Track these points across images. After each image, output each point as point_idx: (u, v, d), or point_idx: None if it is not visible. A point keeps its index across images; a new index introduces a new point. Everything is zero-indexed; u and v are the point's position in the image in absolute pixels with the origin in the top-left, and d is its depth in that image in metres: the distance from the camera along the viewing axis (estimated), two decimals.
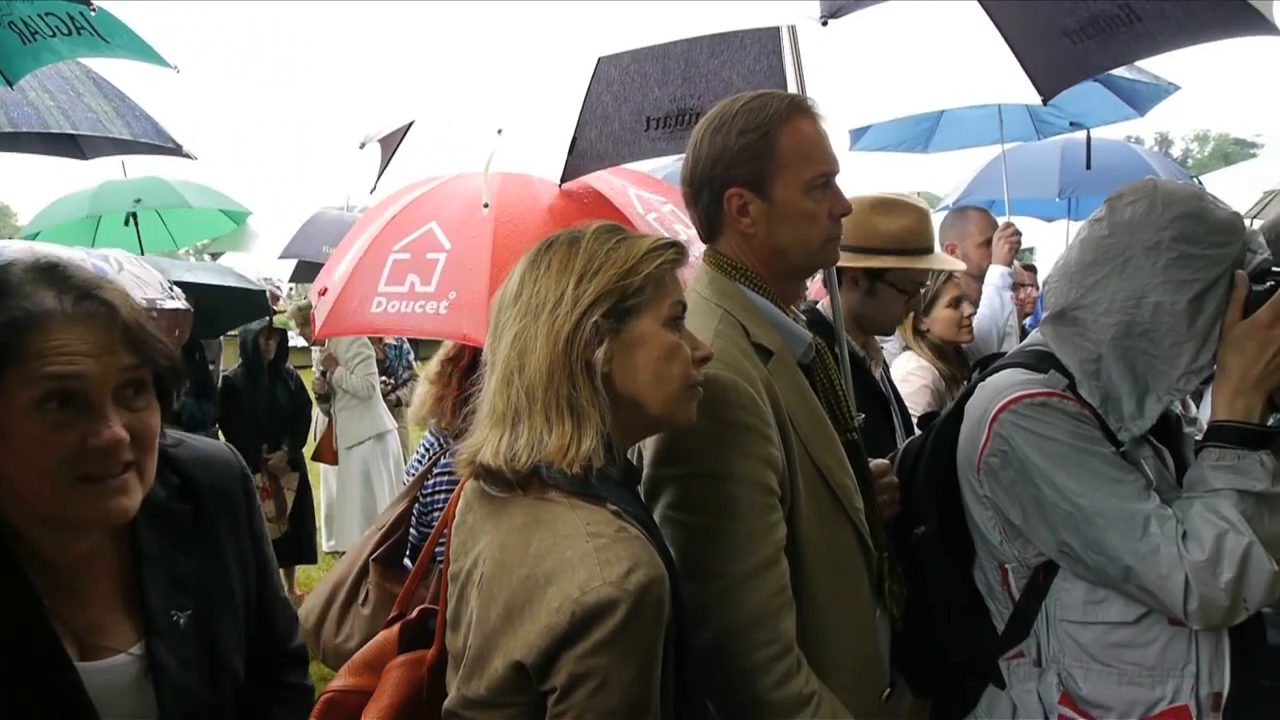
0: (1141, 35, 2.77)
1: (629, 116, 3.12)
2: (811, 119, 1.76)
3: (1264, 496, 1.57)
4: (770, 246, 1.75)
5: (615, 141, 3.18)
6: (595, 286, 1.40)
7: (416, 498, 2.96)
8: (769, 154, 1.70)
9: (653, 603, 1.26)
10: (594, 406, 1.37)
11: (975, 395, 1.82)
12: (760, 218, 1.73)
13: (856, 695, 1.69)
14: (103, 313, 1.23)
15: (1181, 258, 1.61)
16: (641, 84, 3.09)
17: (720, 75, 3.10)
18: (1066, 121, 5.80)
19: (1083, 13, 2.80)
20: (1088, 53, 2.90)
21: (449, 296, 3.12)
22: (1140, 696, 1.68)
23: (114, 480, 1.23)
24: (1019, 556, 1.76)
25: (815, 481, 1.68)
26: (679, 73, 3.09)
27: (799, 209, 1.72)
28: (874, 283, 2.75)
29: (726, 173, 1.72)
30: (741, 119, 1.72)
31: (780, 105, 1.73)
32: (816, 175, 1.72)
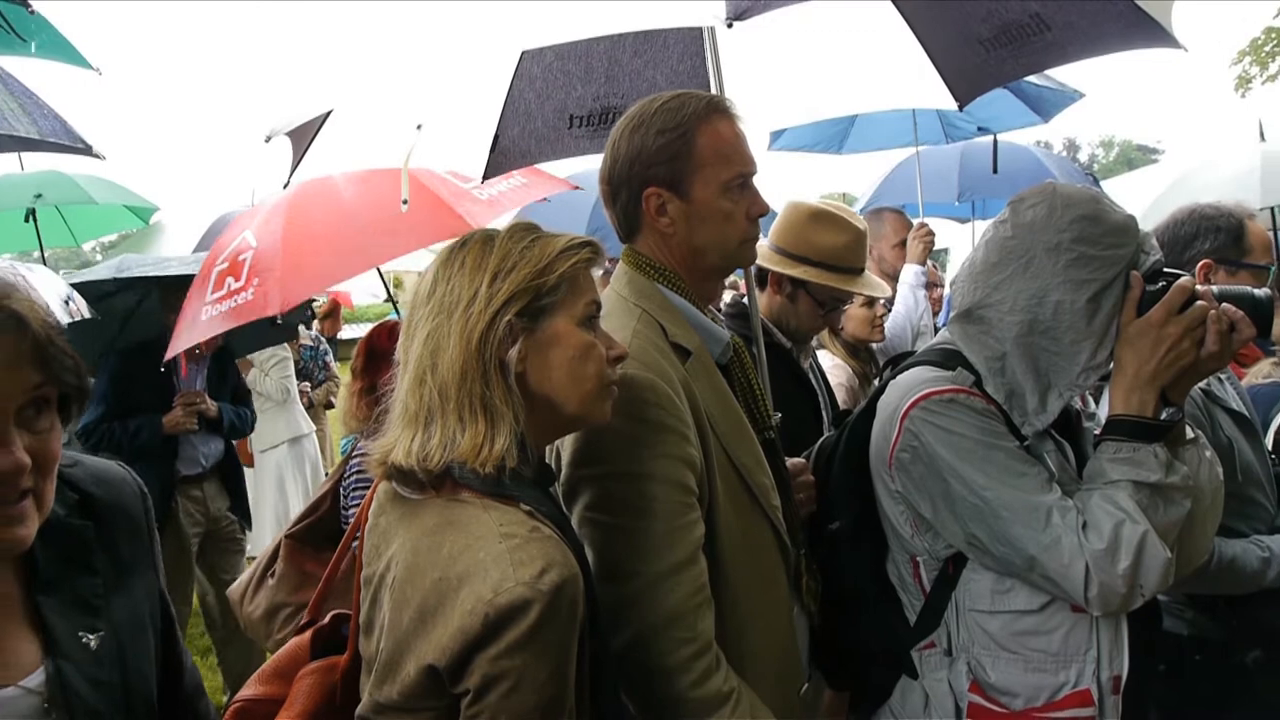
0: (1051, 45, 2.87)
1: (552, 114, 3.12)
2: (730, 120, 1.77)
3: (1158, 487, 1.63)
4: (688, 246, 1.76)
5: (538, 139, 3.18)
6: (509, 285, 1.40)
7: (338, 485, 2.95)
8: (687, 154, 1.72)
9: (567, 603, 1.26)
10: (507, 406, 1.37)
11: (886, 393, 1.86)
12: (678, 217, 1.74)
13: (775, 691, 1.71)
14: (10, 325, 1.11)
15: (1080, 258, 1.67)
16: (565, 82, 3.09)
17: (644, 75, 3.11)
18: (974, 127, 5.98)
19: (996, 21, 2.88)
20: (1000, 61, 2.99)
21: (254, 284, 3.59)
22: (1045, 682, 1.74)
23: (11, 508, 1.11)
24: (929, 549, 1.81)
25: (733, 480, 1.70)
26: (602, 71, 3.10)
27: (717, 209, 1.74)
28: (796, 290, 2.80)
29: (645, 172, 1.73)
30: (660, 118, 1.73)
31: (698, 105, 1.75)
32: (734, 176, 1.74)
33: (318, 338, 7.56)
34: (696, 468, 1.60)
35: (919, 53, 3.19)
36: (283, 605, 2.76)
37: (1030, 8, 2.80)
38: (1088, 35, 2.83)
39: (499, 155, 3.19)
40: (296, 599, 2.75)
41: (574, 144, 3.19)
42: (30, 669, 1.19)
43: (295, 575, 2.80)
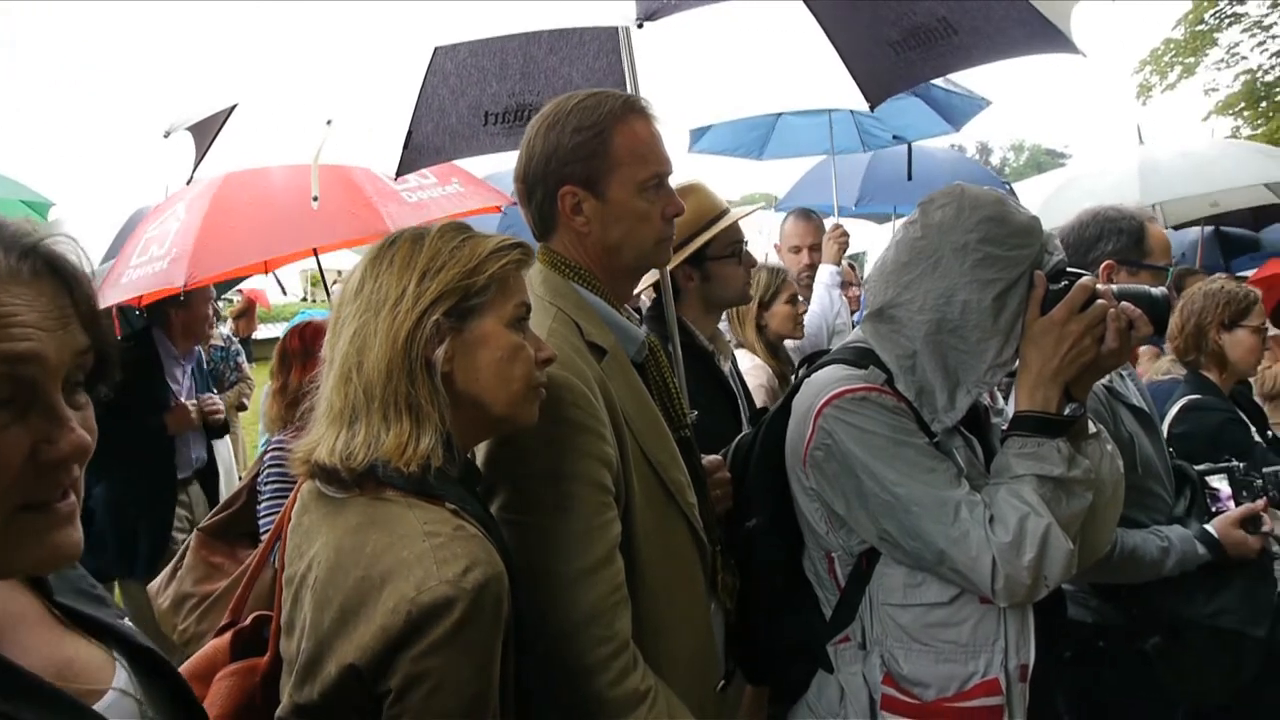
0: (958, 49, 2.94)
1: (466, 111, 3.10)
2: (646, 120, 1.78)
3: (1061, 481, 1.68)
4: (603, 245, 1.76)
5: (452, 136, 3.16)
6: (438, 284, 1.39)
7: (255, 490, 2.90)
8: (603, 153, 1.72)
9: (491, 601, 1.26)
10: (433, 405, 1.36)
11: (801, 391, 1.88)
12: (594, 216, 1.74)
13: (693, 687, 1.73)
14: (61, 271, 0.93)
15: (986, 259, 1.71)
16: (479, 78, 3.07)
17: (560, 72, 3.11)
18: (890, 135, 6.13)
19: (905, 24, 2.94)
20: (910, 63, 3.06)
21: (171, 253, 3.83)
22: (956, 672, 1.78)
23: (62, 505, 0.91)
24: (844, 545, 1.83)
25: (649, 478, 1.70)
26: (518, 68, 3.09)
27: (632, 209, 1.74)
28: (702, 267, 2.80)
29: (561, 170, 1.73)
30: (576, 116, 1.73)
31: (615, 105, 1.75)
32: (650, 176, 1.75)
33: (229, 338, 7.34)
34: (613, 466, 1.60)
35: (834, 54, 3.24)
36: (188, 596, 2.74)
37: (938, 11, 2.86)
38: (993, 40, 2.91)
39: (412, 152, 3.17)
40: (201, 590, 2.74)
41: (489, 141, 3.17)
42: (106, 671, 1.03)
43: (202, 567, 2.78)
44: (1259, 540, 2.53)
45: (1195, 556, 2.44)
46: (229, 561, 2.78)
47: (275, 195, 4.09)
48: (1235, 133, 18.72)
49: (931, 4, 2.86)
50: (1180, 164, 5.95)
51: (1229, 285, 3.30)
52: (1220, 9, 18.41)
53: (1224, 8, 18.36)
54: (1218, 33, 18.70)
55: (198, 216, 3.96)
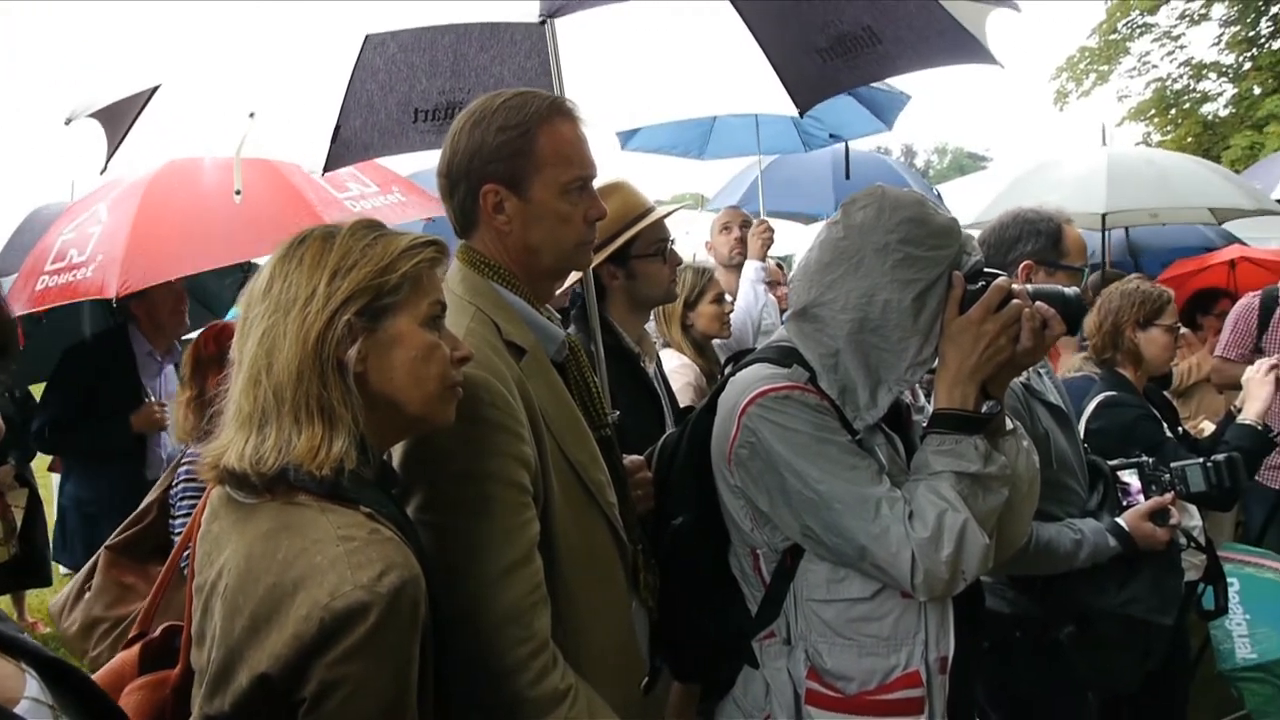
0: (883, 57, 3.00)
1: (395, 107, 3.07)
2: (571, 121, 1.78)
3: (978, 477, 1.72)
4: (524, 245, 1.76)
5: (381, 132, 3.12)
6: (349, 283, 1.36)
7: (166, 503, 2.79)
8: (527, 153, 1.71)
9: (407, 605, 1.24)
10: (346, 407, 1.34)
11: (726, 390, 1.90)
12: (516, 216, 1.73)
13: (615, 685, 1.73)
14: None
15: (906, 259, 1.74)
16: (409, 75, 3.04)
17: (490, 70, 3.09)
18: (826, 134, 6.20)
19: (831, 32, 2.99)
20: (837, 70, 3.11)
21: (96, 259, 3.57)
22: (878, 665, 1.81)
23: None
24: (768, 542, 1.85)
25: (569, 478, 1.70)
26: (448, 65, 3.07)
27: (554, 210, 1.74)
28: (626, 265, 2.79)
29: (484, 168, 1.71)
30: (501, 115, 1.72)
31: (541, 105, 1.74)
32: (574, 178, 1.75)
33: None
34: (531, 466, 1.60)
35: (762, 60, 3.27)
36: (100, 620, 2.60)
37: (863, 20, 2.92)
38: (915, 49, 2.97)
39: (340, 147, 3.12)
40: (114, 613, 2.60)
41: (419, 138, 3.14)
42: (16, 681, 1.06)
43: (114, 588, 2.65)
44: (1167, 532, 2.62)
45: (1107, 548, 2.53)
46: (141, 582, 2.64)
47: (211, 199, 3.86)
48: (1146, 138, 19.44)
49: (857, 13, 2.91)
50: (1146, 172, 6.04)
51: (1144, 286, 3.40)
52: (1132, 19, 19.10)
53: (1135, 18, 19.06)
54: (1130, 42, 19.43)
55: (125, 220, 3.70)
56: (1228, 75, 19.05)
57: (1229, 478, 2.85)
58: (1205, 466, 2.85)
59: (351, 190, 3.98)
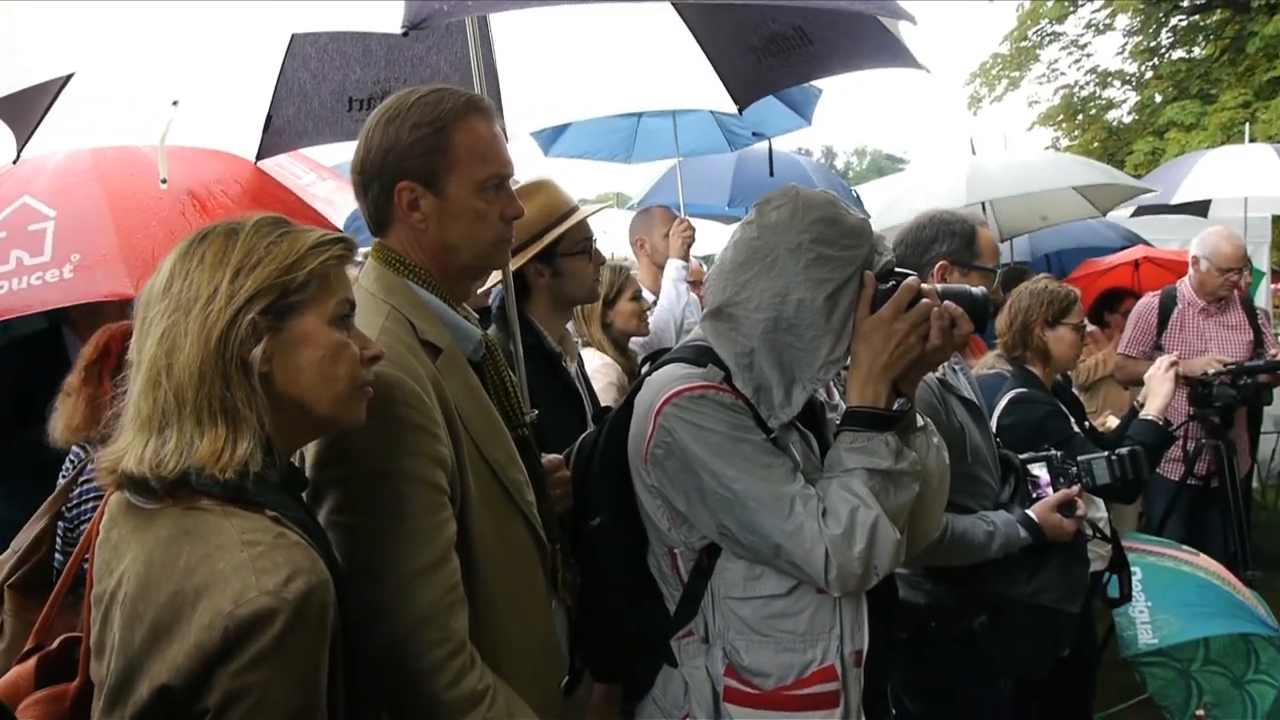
0: (814, 58, 3.06)
1: (329, 96, 3.06)
2: (487, 119, 1.76)
3: (889, 473, 1.75)
4: (440, 243, 1.74)
5: (315, 120, 3.10)
6: (253, 282, 1.32)
7: (60, 514, 2.65)
8: (443, 150, 1.69)
9: (315, 611, 1.22)
10: (250, 409, 1.30)
11: (642, 390, 1.90)
12: (431, 213, 1.71)
13: (535, 685, 1.73)
14: None
15: (819, 259, 1.77)
16: (342, 64, 3.03)
17: (427, 61, 3.09)
18: (750, 133, 6.25)
19: (764, 31, 3.04)
20: (771, 69, 3.16)
21: (72, 259, 3.06)
22: (794, 661, 1.82)
23: None
24: (685, 541, 1.86)
25: (486, 477, 1.69)
26: (382, 55, 3.06)
27: (470, 208, 1.73)
28: (553, 263, 2.78)
29: (398, 165, 1.69)
30: (417, 112, 1.70)
31: (457, 102, 1.73)
32: (490, 176, 1.74)
33: None
34: (447, 466, 1.59)
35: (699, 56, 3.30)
36: None
37: (794, 21, 2.97)
38: (844, 51, 3.04)
39: (273, 136, 3.11)
40: None
41: (354, 127, 3.07)
42: None
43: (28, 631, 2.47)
44: (1074, 523, 2.71)
45: (1018, 539, 2.60)
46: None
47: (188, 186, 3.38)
48: (1055, 143, 20.08)
49: (788, 14, 2.96)
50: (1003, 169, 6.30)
51: (1052, 285, 3.50)
52: (1041, 27, 19.72)
53: (1045, 26, 19.68)
54: (1039, 49, 20.05)
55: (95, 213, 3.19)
56: (1131, 83, 19.79)
57: (1132, 470, 2.96)
58: (1110, 460, 2.96)
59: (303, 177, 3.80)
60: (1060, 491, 2.74)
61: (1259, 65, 15.09)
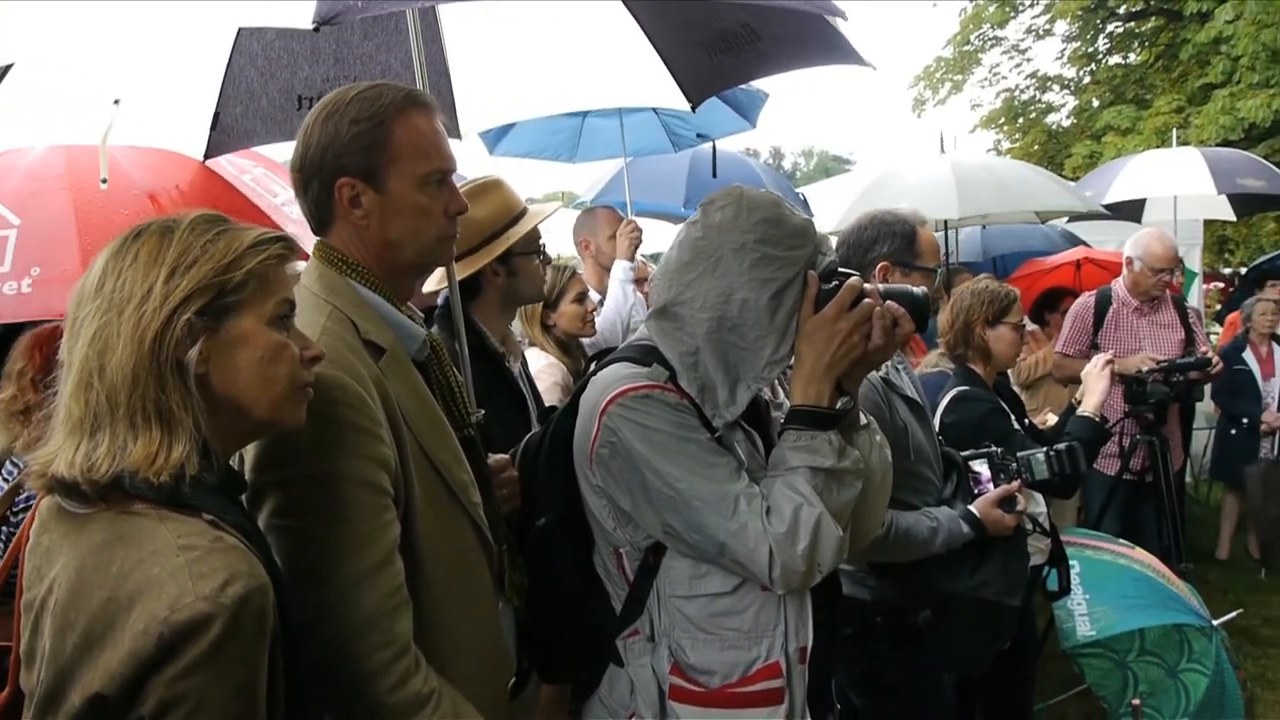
0: (763, 55, 3.07)
1: (278, 94, 3.01)
2: (428, 114, 1.75)
3: (832, 471, 1.76)
4: (383, 240, 1.72)
5: (264, 119, 3.06)
6: (189, 281, 1.29)
7: (5, 519, 2.59)
8: (383, 145, 1.67)
9: (253, 615, 1.19)
10: (186, 411, 1.27)
11: (587, 390, 1.90)
12: (373, 210, 1.69)
13: (483, 686, 1.72)
14: None
15: (763, 258, 1.78)
16: (290, 61, 2.99)
17: (377, 58, 3.06)
18: (694, 134, 6.28)
19: (714, 28, 3.05)
20: (721, 67, 3.17)
21: (31, 273, 2.92)
22: (740, 658, 1.83)
23: None
24: (631, 540, 1.86)
25: (431, 478, 1.68)
26: (330, 53, 3.04)
27: (413, 203, 1.71)
28: (509, 263, 2.77)
29: (337, 161, 1.67)
30: (355, 107, 1.68)
31: (396, 97, 1.70)
32: (432, 171, 1.72)
33: None
34: (390, 467, 1.57)
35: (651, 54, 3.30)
36: None
37: (741, 18, 2.98)
38: (792, 49, 3.06)
39: (221, 134, 3.06)
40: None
41: None
42: None
43: None
44: (1014, 518, 2.77)
45: (960, 534, 2.65)
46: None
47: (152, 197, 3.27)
48: (996, 145, 20.45)
49: (735, 11, 2.97)
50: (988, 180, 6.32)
51: (993, 285, 3.56)
52: (983, 32, 20.08)
53: (986, 31, 20.05)
54: (981, 53, 20.41)
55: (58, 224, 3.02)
56: (1070, 88, 20.24)
57: (1069, 465, 3.03)
58: (1048, 455, 3.02)
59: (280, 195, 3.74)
60: (1001, 487, 2.80)
61: (1191, 72, 15.51)
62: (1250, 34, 12.58)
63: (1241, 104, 12.64)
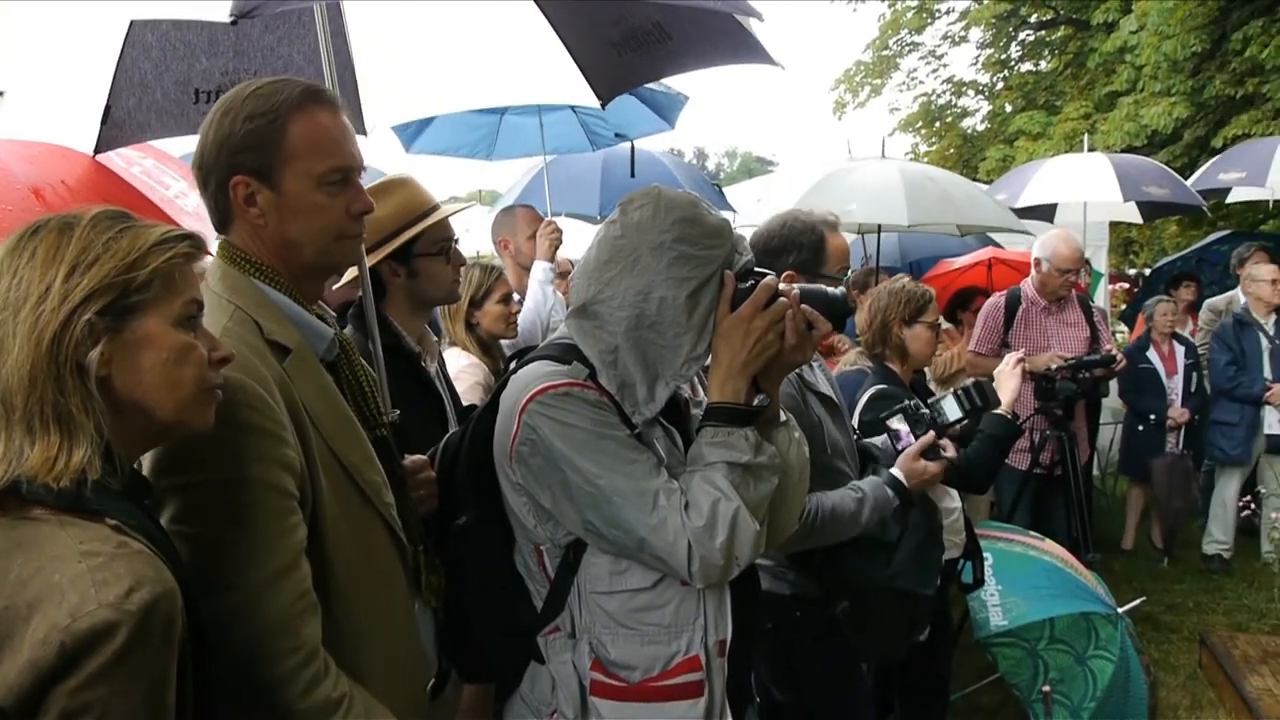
0: (673, 53, 3.09)
1: (173, 87, 2.92)
2: (329, 111, 1.71)
3: (749, 466, 1.79)
4: (280, 240, 1.69)
5: (159, 113, 2.96)
6: (90, 280, 1.26)
7: None
8: (277, 143, 1.64)
9: (160, 622, 1.16)
10: (87, 414, 1.24)
11: (507, 388, 1.89)
12: (269, 209, 1.66)
13: (400, 689, 1.70)
14: None
15: (680, 257, 1.79)
16: (186, 53, 2.90)
17: (278, 52, 2.99)
18: (613, 134, 6.29)
19: (623, 26, 3.05)
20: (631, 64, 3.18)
21: None
22: (660, 653, 1.85)
23: None
24: (551, 537, 1.86)
25: (341, 480, 1.65)
26: (229, 45, 2.95)
27: (311, 203, 1.67)
28: (409, 263, 2.71)
29: (232, 159, 1.64)
30: (250, 104, 1.64)
31: (293, 93, 1.67)
32: (331, 169, 1.68)
33: None
34: (295, 469, 1.54)
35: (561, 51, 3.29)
36: None
37: (653, 16, 2.99)
38: (702, 47, 3.08)
39: (112, 129, 2.95)
40: None
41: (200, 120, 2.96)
42: None
43: None
44: (939, 465, 2.81)
45: (887, 500, 2.70)
46: None
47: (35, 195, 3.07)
48: (914, 148, 20.91)
49: (646, 9, 2.98)
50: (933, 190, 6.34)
51: (909, 285, 3.63)
52: (901, 37, 20.51)
53: (904, 36, 20.49)
54: (900, 58, 20.86)
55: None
56: (984, 93, 20.79)
57: (979, 397, 3.03)
58: (957, 394, 3.03)
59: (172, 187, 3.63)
60: (920, 439, 2.84)
61: (1099, 79, 16.04)
62: (1153, 44, 13.05)
63: (1145, 111, 13.11)
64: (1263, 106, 12.03)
